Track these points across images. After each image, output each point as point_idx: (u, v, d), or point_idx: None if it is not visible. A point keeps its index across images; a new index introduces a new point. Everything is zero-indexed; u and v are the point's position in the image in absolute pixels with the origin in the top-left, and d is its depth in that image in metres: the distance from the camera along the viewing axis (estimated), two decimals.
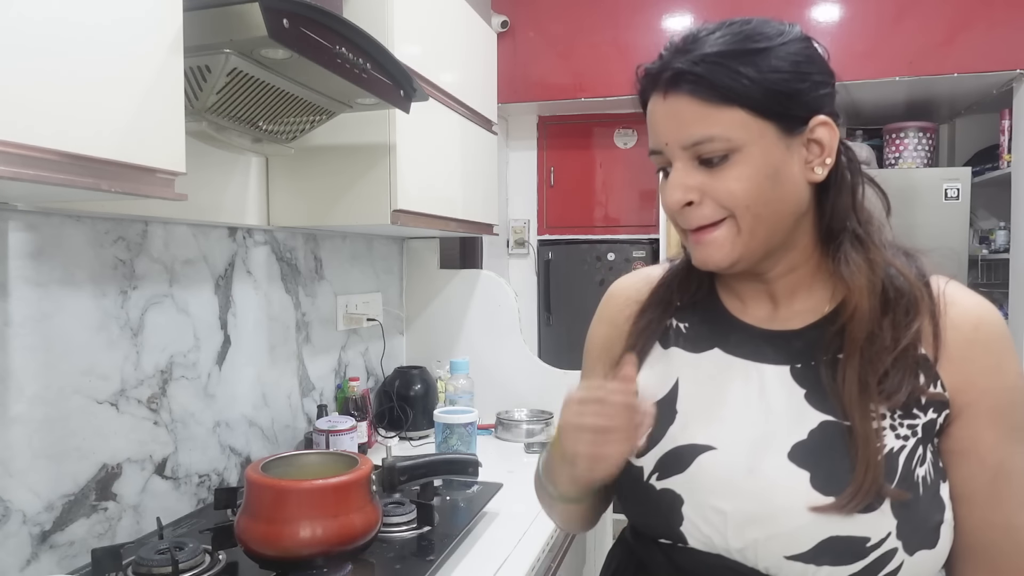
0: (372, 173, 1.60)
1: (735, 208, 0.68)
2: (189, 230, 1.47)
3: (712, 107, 0.66)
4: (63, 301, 1.19)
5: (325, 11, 1.12)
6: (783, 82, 0.66)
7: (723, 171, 0.67)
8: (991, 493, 0.68)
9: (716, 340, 0.77)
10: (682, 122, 0.67)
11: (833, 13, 2.74)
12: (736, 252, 0.70)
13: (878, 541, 0.64)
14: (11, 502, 1.11)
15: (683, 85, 0.67)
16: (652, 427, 0.73)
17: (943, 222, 3.03)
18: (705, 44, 0.68)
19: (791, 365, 0.72)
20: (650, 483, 0.73)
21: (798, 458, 0.68)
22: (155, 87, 0.88)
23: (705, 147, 0.67)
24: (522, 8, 2.98)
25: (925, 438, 0.68)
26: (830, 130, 0.69)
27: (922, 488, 0.66)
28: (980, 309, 0.71)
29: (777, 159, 0.67)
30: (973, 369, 0.68)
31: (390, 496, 1.43)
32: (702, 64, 0.66)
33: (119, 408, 1.30)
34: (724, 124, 0.66)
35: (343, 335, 2.06)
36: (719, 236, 0.69)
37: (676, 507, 0.71)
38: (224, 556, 1.22)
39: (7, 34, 0.70)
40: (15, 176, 0.72)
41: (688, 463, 0.72)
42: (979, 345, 0.69)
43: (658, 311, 0.81)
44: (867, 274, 0.69)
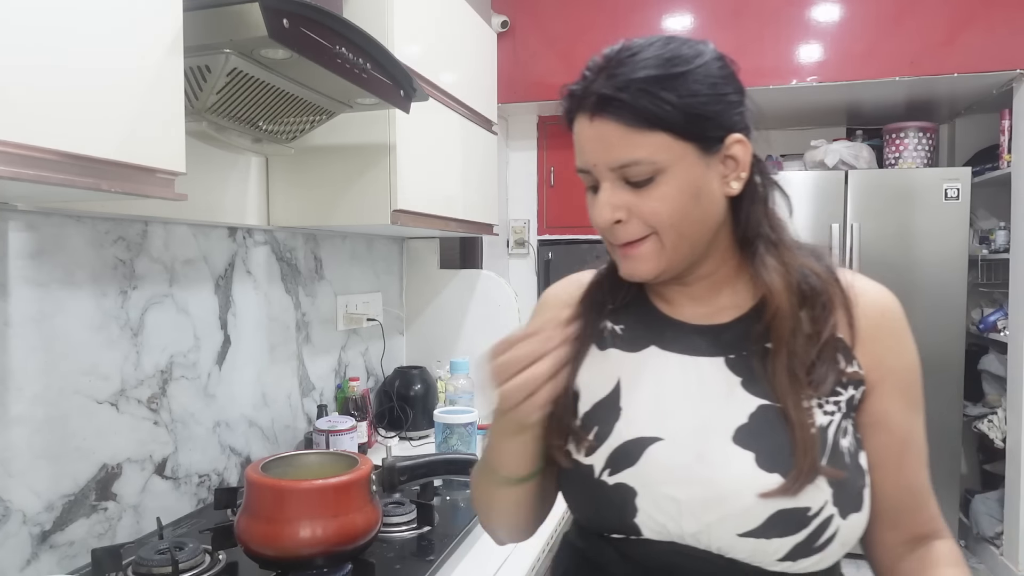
0: (372, 173, 1.60)
1: (659, 226, 0.72)
2: (189, 230, 1.47)
3: (637, 132, 0.70)
4: (63, 301, 1.19)
5: (325, 11, 1.12)
6: (701, 105, 0.70)
7: (648, 191, 0.71)
8: (899, 459, 0.76)
9: (652, 338, 0.81)
10: (609, 145, 0.71)
11: (833, 13, 2.74)
12: (661, 265, 0.75)
13: (818, 509, 0.69)
14: (11, 502, 1.11)
15: (609, 110, 0.70)
16: (599, 426, 0.78)
17: (943, 222, 3.03)
18: (629, 68, 0.70)
19: (725, 356, 0.77)
20: (602, 479, 0.76)
21: (742, 440, 0.72)
22: (155, 87, 0.88)
23: (631, 170, 0.71)
24: (522, 8, 2.98)
25: (847, 413, 0.75)
26: (744, 146, 0.74)
27: (848, 458, 0.73)
28: (884, 297, 0.79)
29: (698, 177, 0.72)
30: (881, 350, 0.76)
31: (390, 496, 1.43)
32: (627, 90, 0.69)
33: (119, 408, 1.30)
34: (649, 148, 0.70)
35: (343, 335, 2.07)
36: (645, 251, 0.74)
37: (630, 500, 0.74)
38: (224, 556, 1.22)
39: (7, 34, 0.70)
40: (15, 176, 0.72)
41: (638, 456, 0.75)
42: (885, 329, 0.77)
43: (592, 314, 0.85)
44: (783, 276, 0.75)
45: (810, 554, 0.70)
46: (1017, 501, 2.81)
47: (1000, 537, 3.01)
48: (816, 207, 3.15)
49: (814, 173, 3.19)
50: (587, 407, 0.81)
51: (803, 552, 0.70)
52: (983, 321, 3.18)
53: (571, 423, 0.80)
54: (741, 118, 0.74)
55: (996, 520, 3.07)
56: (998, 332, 3.06)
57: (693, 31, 2.86)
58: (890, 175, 3.14)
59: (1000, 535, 3.01)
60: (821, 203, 3.14)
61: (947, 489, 3.08)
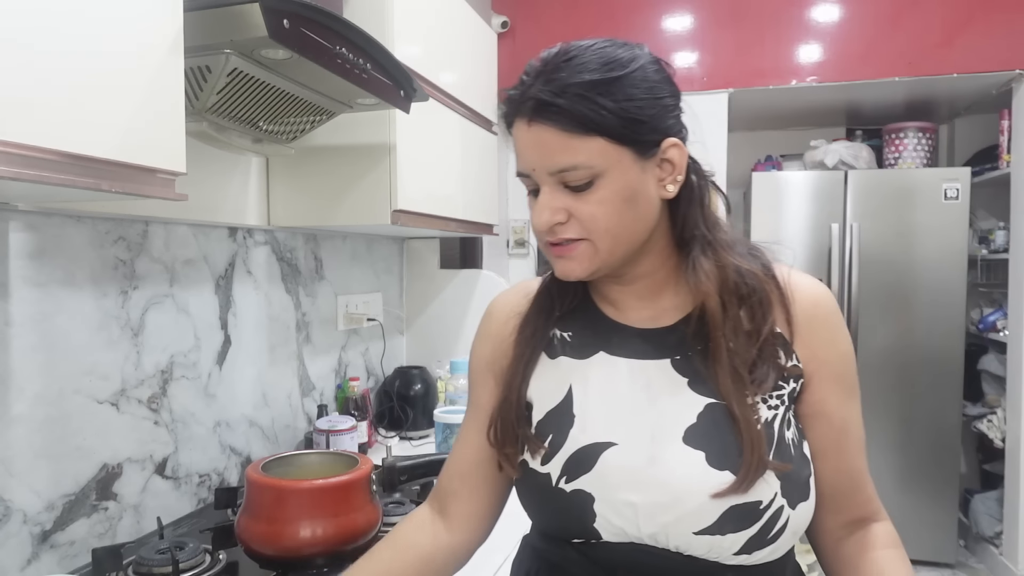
0: (372, 173, 1.61)
1: (595, 231, 0.73)
2: (189, 230, 1.48)
3: (574, 137, 0.70)
4: (63, 301, 1.19)
5: (325, 11, 1.12)
6: (638, 109, 0.71)
7: (586, 196, 0.72)
8: (838, 445, 0.79)
9: (600, 344, 0.82)
10: (547, 150, 0.71)
11: (832, 13, 2.74)
12: (595, 265, 0.76)
13: (768, 502, 0.71)
14: (12, 502, 1.11)
15: (546, 115, 0.70)
16: (553, 434, 0.79)
17: (943, 222, 3.03)
18: (567, 73, 0.70)
19: (671, 358, 0.78)
20: (560, 487, 0.77)
21: (692, 440, 0.74)
22: (155, 87, 0.88)
23: (569, 175, 0.71)
24: (522, 8, 2.98)
25: (789, 405, 0.77)
26: (679, 150, 0.74)
27: (792, 449, 0.75)
28: (817, 290, 0.80)
29: (634, 181, 0.73)
30: (816, 342, 0.78)
31: (390, 496, 1.43)
32: (564, 96, 0.70)
33: (119, 408, 1.30)
34: (586, 153, 0.70)
35: (343, 335, 2.07)
36: (580, 251, 0.75)
37: (588, 505, 0.75)
38: (224, 556, 1.22)
39: (7, 34, 0.70)
40: (16, 176, 0.72)
41: (593, 462, 0.76)
42: (819, 321, 0.78)
43: (540, 320, 0.85)
44: (715, 277, 0.76)
45: (764, 545, 0.72)
46: (1017, 501, 2.81)
47: (1000, 537, 3.01)
48: (816, 207, 3.15)
49: (814, 173, 3.19)
50: (540, 416, 0.81)
51: (757, 544, 0.72)
52: (983, 321, 3.18)
53: (526, 432, 0.81)
54: (676, 122, 0.75)
55: (996, 520, 3.07)
56: (997, 332, 3.06)
57: (693, 31, 2.86)
58: (890, 175, 3.14)
59: (1000, 535, 3.01)
60: (821, 203, 3.14)
61: (947, 489, 3.08)
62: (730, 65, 2.83)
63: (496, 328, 0.89)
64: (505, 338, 0.87)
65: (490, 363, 0.89)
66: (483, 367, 0.90)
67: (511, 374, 0.84)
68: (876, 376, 3.11)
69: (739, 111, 3.13)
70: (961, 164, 3.41)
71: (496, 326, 0.89)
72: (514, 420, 0.81)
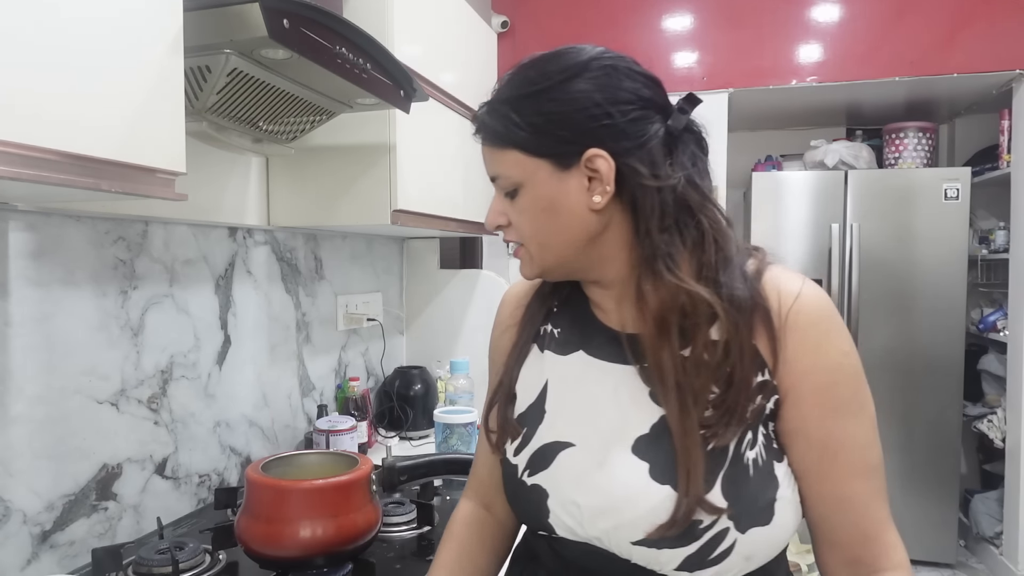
0: (372, 173, 1.60)
1: (524, 235, 0.78)
2: (189, 230, 1.48)
3: (495, 150, 0.77)
4: (63, 301, 1.19)
5: (325, 11, 1.12)
6: (548, 123, 0.72)
7: (514, 203, 0.77)
8: (819, 468, 0.72)
9: (581, 343, 0.83)
10: (485, 161, 0.80)
11: (833, 13, 2.74)
12: (536, 268, 0.80)
13: (710, 523, 0.69)
14: (11, 502, 1.11)
15: (480, 131, 0.79)
16: (527, 427, 0.82)
17: (943, 222, 3.03)
18: (496, 91, 0.77)
19: (640, 365, 0.76)
20: (523, 479, 0.80)
21: (640, 451, 0.73)
22: (155, 87, 0.88)
23: (498, 183, 0.78)
24: (522, 8, 2.98)
25: (754, 423, 0.72)
26: (606, 161, 0.71)
27: (752, 470, 0.71)
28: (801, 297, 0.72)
29: (552, 191, 0.74)
30: (795, 353, 0.71)
31: (390, 496, 1.43)
32: (487, 113, 0.77)
33: (119, 408, 1.30)
34: (505, 164, 0.76)
35: (343, 335, 2.07)
36: (521, 254, 0.80)
37: (543, 501, 0.78)
38: (224, 556, 1.22)
39: (7, 34, 0.70)
40: (15, 176, 0.72)
41: (551, 459, 0.78)
42: (798, 329, 0.71)
43: (535, 313, 0.88)
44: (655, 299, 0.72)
45: (704, 566, 0.70)
46: (1017, 501, 2.81)
47: (1000, 537, 3.01)
48: (816, 207, 3.15)
49: (814, 173, 3.19)
50: (522, 408, 0.84)
51: (697, 564, 0.69)
52: (983, 321, 3.18)
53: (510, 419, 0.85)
54: (613, 130, 0.71)
55: (996, 520, 3.07)
56: (998, 332, 3.06)
57: (693, 31, 2.86)
58: (890, 175, 3.14)
59: (1000, 535, 3.01)
60: (821, 203, 3.14)
61: (947, 489, 3.08)
62: (730, 65, 2.83)
63: (503, 317, 0.94)
64: (511, 327, 0.90)
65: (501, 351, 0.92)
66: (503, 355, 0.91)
67: (508, 363, 0.88)
68: (876, 376, 3.11)
69: (739, 111, 3.13)
70: (961, 164, 3.41)
71: (504, 315, 0.94)
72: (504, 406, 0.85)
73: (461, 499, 0.98)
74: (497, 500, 0.92)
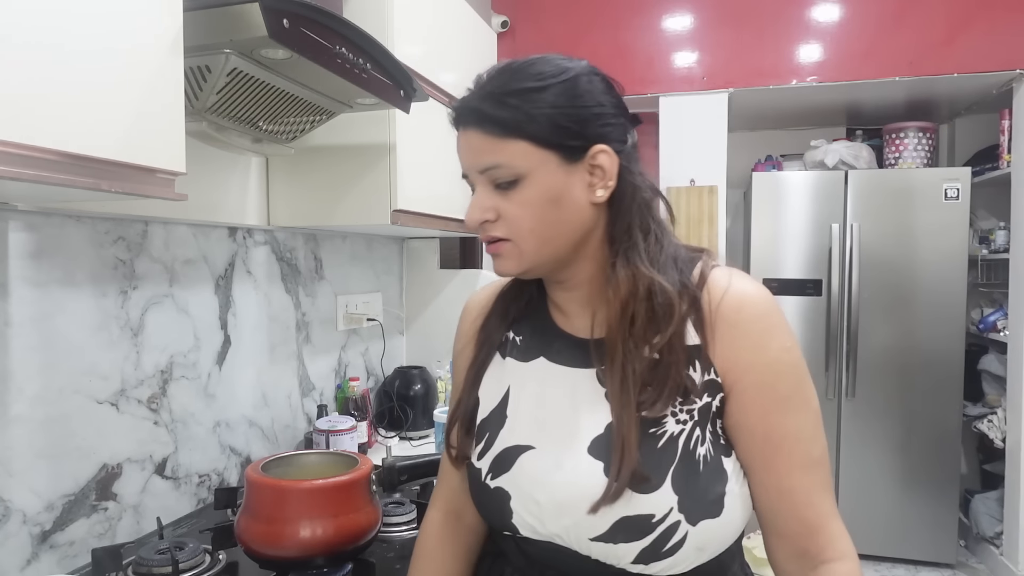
0: (372, 173, 1.60)
1: (520, 229, 0.76)
2: (189, 230, 1.48)
3: (498, 139, 0.75)
4: (63, 301, 1.19)
5: (325, 11, 1.12)
6: (561, 116, 0.74)
7: (512, 195, 0.76)
8: (763, 460, 0.75)
9: (542, 350, 0.85)
10: (473, 151, 0.77)
11: (833, 13, 2.74)
12: (523, 265, 0.78)
13: (662, 516, 0.72)
14: (11, 502, 1.11)
15: (473, 120, 0.76)
16: (489, 432, 0.84)
17: (943, 222, 3.03)
18: (496, 84, 0.76)
19: (597, 368, 0.79)
20: (486, 482, 0.82)
21: (595, 451, 0.76)
22: (155, 87, 0.88)
23: (495, 173, 0.76)
24: (522, 8, 2.98)
25: (702, 420, 0.75)
26: (609, 156, 0.76)
27: (702, 465, 0.74)
28: (744, 295, 0.76)
29: (558, 184, 0.75)
30: (737, 349, 0.75)
31: (390, 496, 1.43)
32: (486, 101, 0.75)
33: (119, 408, 1.30)
34: (508, 154, 0.74)
35: (343, 335, 2.07)
36: (506, 250, 0.78)
37: (506, 502, 0.80)
38: (224, 556, 1.22)
39: (7, 35, 0.70)
40: (15, 176, 0.72)
41: (512, 463, 0.80)
42: (741, 326, 0.75)
43: (496, 322, 0.89)
44: (626, 289, 0.75)
45: (659, 558, 0.73)
46: (1017, 501, 2.81)
47: (1000, 537, 3.01)
48: (816, 207, 3.15)
49: (814, 173, 3.19)
50: (484, 414, 0.86)
51: (652, 556, 0.73)
52: (983, 321, 3.18)
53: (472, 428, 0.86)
54: (611, 130, 0.76)
55: (996, 520, 3.07)
56: (998, 332, 3.06)
57: (693, 31, 2.86)
58: (890, 175, 3.14)
59: (1000, 535, 3.01)
60: (821, 203, 3.14)
61: (947, 489, 3.08)
62: (730, 65, 2.83)
63: (466, 327, 0.94)
64: (473, 336, 0.91)
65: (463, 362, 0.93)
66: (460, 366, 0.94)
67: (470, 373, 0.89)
68: (876, 376, 3.11)
69: (739, 111, 3.13)
70: (961, 164, 3.40)
71: (466, 324, 0.94)
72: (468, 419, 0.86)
73: (429, 508, 0.98)
74: (468, 507, 0.92)
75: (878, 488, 3.12)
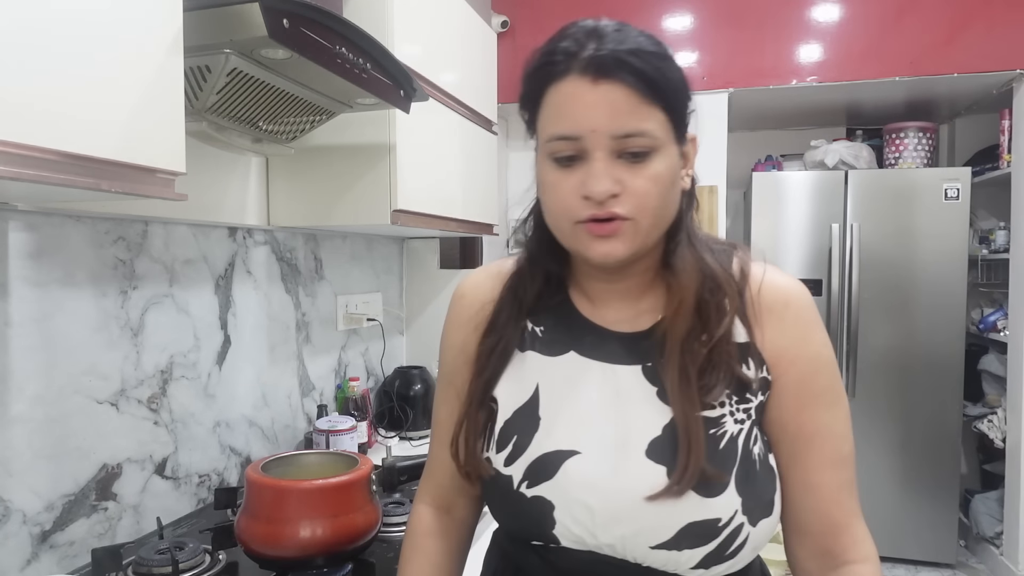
0: (372, 173, 1.60)
1: (644, 207, 0.68)
2: (189, 230, 1.47)
3: (645, 103, 0.66)
4: (63, 301, 1.19)
5: (325, 11, 1.12)
6: (686, 93, 0.71)
7: (641, 168, 0.68)
8: (793, 455, 0.74)
9: (571, 343, 0.78)
10: (616, 111, 0.66)
11: (833, 13, 2.74)
12: (635, 246, 0.70)
13: (728, 519, 0.69)
14: (11, 502, 1.11)
15: (621, 74, 0.66)
16: (517, 435, 0.76)
17: (943, 222, 3.03)
18: (632, 38, 0.67)
19: (642, 364, 0.75)
20: (520, 491, 0.75)
21: (655, 454, 0.71)
22: (155, 87, 0.88)
23: (634, 140, 0.67)
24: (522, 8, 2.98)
25: (757, 419, 0.73)
26: (695, 145, 0.75)
27: (759, 464, 0.72)
28: (789, 289, 0.75)
29: (675, 163, 0.71)
30: (784, 343, 0.73)
31: (390, 496, 1.43)
32: (638, 57, 0.66)
33: (119, 408, 1.30)
34: (653, 121, 0.67)
35: (343, 335, 2.07)
36: (623, 231, 0.69)
37: (548, 512, 0.73)
38: (224, 556, 1.22)
39: (7, 35, 0.70)
40: (15, 176, 0.72)
41: (555, 470, 0.73)
42: (788, 321, 0.74)
43: (509, 314, 0.80)
44: (696, 278, 0.73)
45: (722, 561, 0.70)
46: (1017, 501, 2.81)
47: (1000, 537, 3.00)
48: (816, 207, 3.15)
49: (814, 173, 3.19)
50: (507, 415, 0.78)
51: (715, 560, 0.70)
52: (983, 321, 3.18)
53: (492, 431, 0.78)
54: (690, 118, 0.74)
55: (996, 520, 3.07)
56: (998, 332, 3.06)
57: (693, 31, 2.86)
58: (890, 175, 3.14)
59: (1000, 535, 3.01)
60: (821, 203, 3.14)
61: (947, 489, 3.08)
62: (730, 65, 2.83)
63: (466, 315, 0.84)
64: (479, 324, 0.82)
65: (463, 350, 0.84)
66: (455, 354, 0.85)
67: (480, 366, 0.80)
68: (876, 376, 3.11)
69: (739, 111, 3.12)
70: (961, 164, 3.40)
71: (466, 313, 0.84)
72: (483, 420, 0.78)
73: (416, 503, 0.92)
74: (458, 501, 0.89)
75: (878, 488, 3.12)
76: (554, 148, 0.69)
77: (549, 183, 0.71)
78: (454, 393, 0.84)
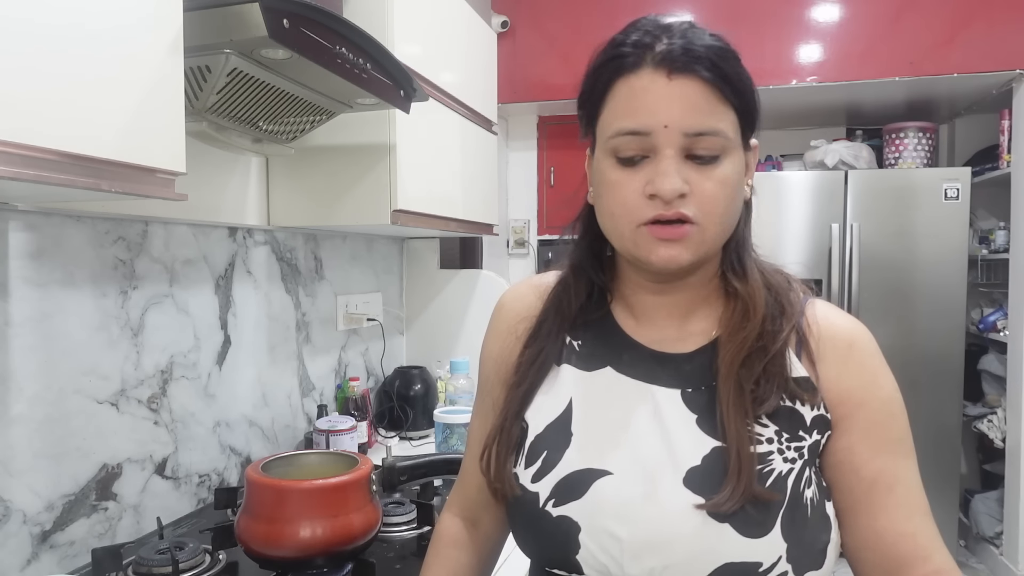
0: (372, 173, 1.60)
1: (710, 212, 0.65)
2: (189, 230, 1.48)
3: (720, 102, 0.64)
4: (63, 301, 1.19)
5: (325, 11, 1.12)
6: (756, 96, 0.68)
7: (709, 170, 0.65)
8: (870, 503, 0.68)
9: (608, 359, 0.75)
10: (692, 108, 0.63)
11: (833, 13, 2.74)
12: (699, 254, 0.67)
13: (770, 566, 0.63)
14: (11, 502, 1.11)
15: (698, 70, 0.63)
16: (548, 451, 0.72)
17: (943, 222, 3.03)
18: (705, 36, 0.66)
19: (682, 389, 0.71)
20: (546, 510, 0.70)
21: (693, 484, 0.66)
22: (155, 87, 0.88)
23: (707, 140, 0.64)
24: (522, 8, 2.98)
25: (811, 459, 0.68)
26: (756, 153, 0.72)
27: (810, 509, 0.67)
28: (853, 329, 0.72)
29: (742, 170, 0.69)
30: (849, 384, 0.69)
31: (390, 496, 1.43)
32: (716, 54, 0.64)
33: (119, 408, 1.30)
34: (726, 122, 0.65)
35: (343, 335, 2.07)
36: (689, 235, 0.66)
37: (573, 534, 0.68)
38: (224, 556, 1.22)
39: (7, 35, 0.70)
40: (15, 176, 0.72)
41: (585, 489, 0.69)
42: (854, 361, 0.70)
43: (551, 327, 0.78)
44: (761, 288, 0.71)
45: None
46: (1017, 501, 2.81)
47: (1000, 537, 3.01)
48: (816, 207, 3.15)
49: (814, 173, 3.19)
50: (539, 429, 0.74)
51: None
52: (983, 321, 3.18)
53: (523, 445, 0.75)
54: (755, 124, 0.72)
55: (996, 520, 3.07)
56: (998, 332, 3.06)
57: None
58: (890, 175, 3.14)
59: (1000, 535, 3.01)
60: (821, 203, 3.14)
61: (947, 489, 3.07)
62: None
63: (505, 327, 0.82)
64: (520, 336, 0.80)
65: (500, 361, 0.82)
66: (493, 365, 0.83)
67: (519, 377, 0.77)
68: None
69: None
70: (961, 164, 3.40)
71: (506, 325, 0.82)
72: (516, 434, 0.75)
73: (444, 512, 0.90)
74: (485, 516, 0.86)
75: None
76: (618, 145, 0.66)
77: (610, 182, 0.67)
78: (490, 404, 0.82)
